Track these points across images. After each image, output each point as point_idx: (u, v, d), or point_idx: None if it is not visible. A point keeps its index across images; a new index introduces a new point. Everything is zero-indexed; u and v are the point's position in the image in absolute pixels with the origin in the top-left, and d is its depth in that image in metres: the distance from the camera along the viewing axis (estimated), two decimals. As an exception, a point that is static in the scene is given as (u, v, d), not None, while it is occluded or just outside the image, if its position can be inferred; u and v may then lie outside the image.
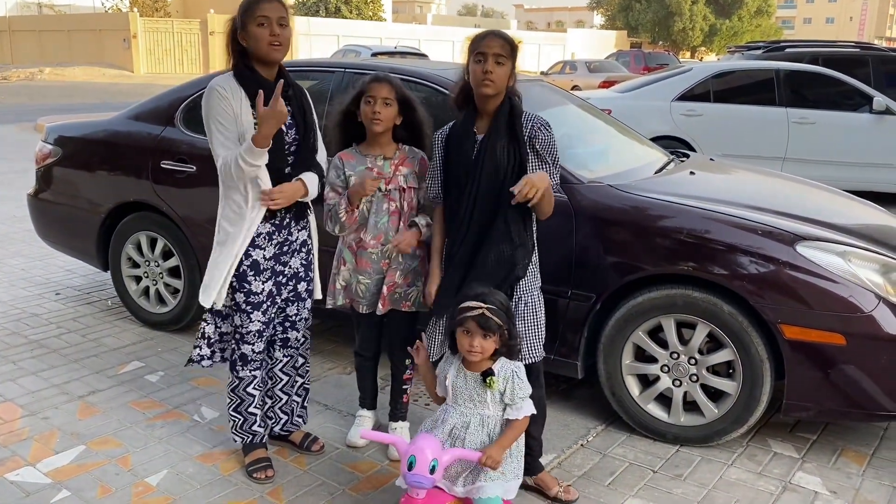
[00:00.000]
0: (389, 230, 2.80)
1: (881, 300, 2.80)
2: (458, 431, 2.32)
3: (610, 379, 3.15)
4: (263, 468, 2.83)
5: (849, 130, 7.86)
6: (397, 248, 2.77)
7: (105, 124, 4.46)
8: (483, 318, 2.24)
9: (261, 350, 2.80)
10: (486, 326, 2.25)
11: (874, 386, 2.81)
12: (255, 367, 2.82)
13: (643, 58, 27.16)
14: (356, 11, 42.16)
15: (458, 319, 2.28)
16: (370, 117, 2.73)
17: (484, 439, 2.31)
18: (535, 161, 2.56)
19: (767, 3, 53.16)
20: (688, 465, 2.98)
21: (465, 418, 2.32)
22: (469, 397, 2.32)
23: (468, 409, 2.32)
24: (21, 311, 4.58)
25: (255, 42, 2.55)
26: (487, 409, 2.31)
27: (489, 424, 2.32)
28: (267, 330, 2.79)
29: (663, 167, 3.85)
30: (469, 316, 2.25)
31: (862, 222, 3.56)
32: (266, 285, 2.73)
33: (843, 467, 3.00)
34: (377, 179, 2.74)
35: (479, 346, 2.25)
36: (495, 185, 2.52)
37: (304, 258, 2.86)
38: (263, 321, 2.76)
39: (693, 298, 2.93)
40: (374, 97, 2.72)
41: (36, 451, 2.99)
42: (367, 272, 2.84)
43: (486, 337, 2.25)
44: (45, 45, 37.55)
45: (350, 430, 3.10)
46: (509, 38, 2.53)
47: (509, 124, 2.54)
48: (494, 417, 2.32)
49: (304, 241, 2.84)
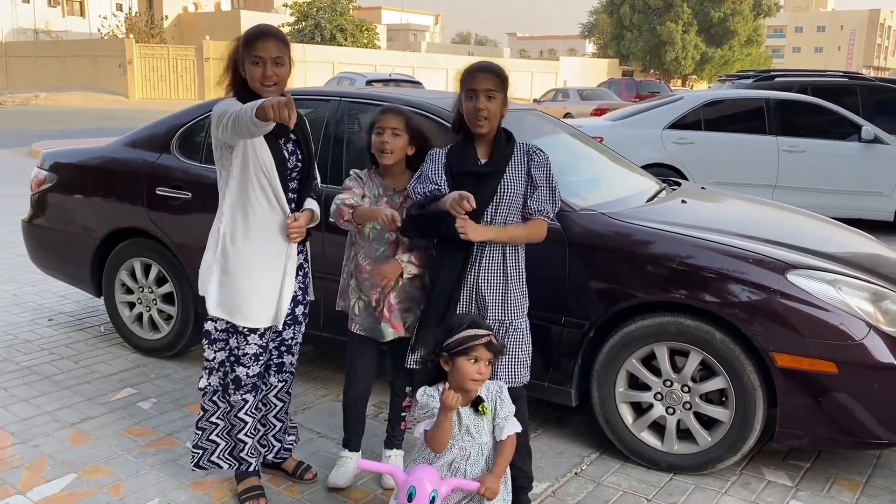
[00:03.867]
0: (383, 259, 2.80)
1: (871, 328, 2.82)
2: (459, 463, 2.28)
3: (604, 406, 3.16)
4: (256, 496, 2.80)
5: (838, 159, 7.96)
6: (376, 277, 2.72)
7: (101, 151, 4.48)
8: (491, 345, 2.24)
9: (255, 374, 2.78)
10: (495, 351, 2.25)
11: (866, 414, 2.82)
12: (246, 391, 2.79)
13: (635, 86, 27.42)
14: (351, 39, 42.58)
15: (464, 348, 2.22)
16: (379, 148, 2.75)
17: (483, 467, 2.29)
18: (530, 188, 2.60)
19: (757, 32, 53.97)
20: (682, 494, 2.97)
21: (465, 452, 2.28)
22: (467, 430, 2.28)
23: (467, 441, 2.28)
24: (13, 337, 4.56)
25: (249, 78, 2.61)
26: (484, 436, 2.30)
27: (486, 451, 2.30)
28: (263, 354, 2.79)
29: (655, 195, 3.88)
30: (478, 343, 2.23)
31: (852, 250, 3.60)
32: None
33: (836, 495, 3.00)
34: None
35: (485, 373, 2.24)
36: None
37: (301, 281, 2.87)
38: (260, 344, 2.76)
39: (686, 326, 2.95)
40: (384, 128, 2.74)
41: (26, 479, 2.97)
42: (366, 293, 2.84)
43: (488, 363, 2.26)
44: (41, 71, 37.73)
45: (332, 472, 2.97)
46: (498, 70, 2.58)
47: (509, 152, 2.60)
48: (489, 444, 2.31)
49: (300, 265, 2.85)
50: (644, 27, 51.53)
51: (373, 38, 44.75)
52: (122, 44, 35.68)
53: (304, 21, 42.15)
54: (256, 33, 2.60)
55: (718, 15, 50.77)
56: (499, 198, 2.57)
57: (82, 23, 51.12)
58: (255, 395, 2.84)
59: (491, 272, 2.59)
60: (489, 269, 2.59)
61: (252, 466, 2.85)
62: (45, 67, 37.65)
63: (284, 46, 2.61)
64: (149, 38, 39.94)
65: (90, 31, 47.36)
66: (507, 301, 2.60)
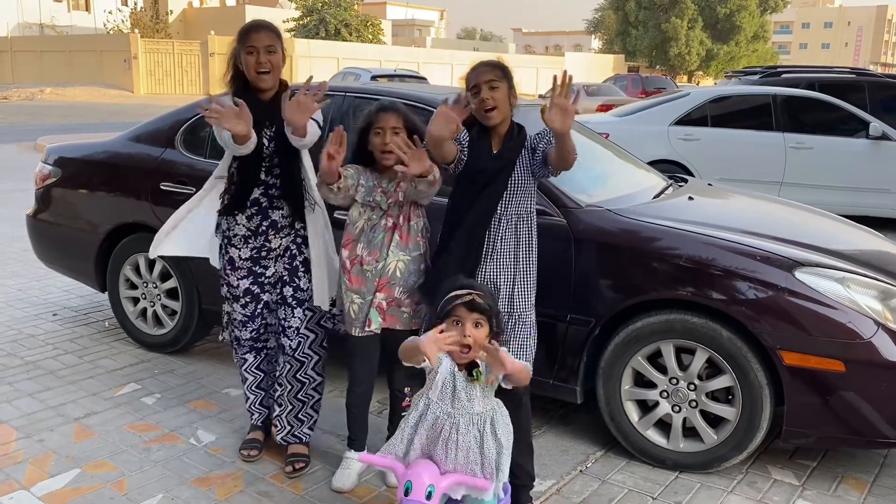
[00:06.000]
0: (384, 246, 2.77)
1: (880, 326, 2.80)
2: (450, 433, 2.22)
3: (609, 404, 3.14)
4: (248, 447, 3.11)
5: (845, 155, 7.92)
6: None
7: (105, 146, 4.48)
8: (472, 303, 2.19)
9: (248, 338, 3.08)
10: (477, 309, 2.19)
11: (874, 413, 2.80)
12: (245, 351, 3.12)
13: (640, 82, 27.34)
14: (356, 34, 42.49)
15: (448, 310, 2.21)
16: (382, 149, 2.71)
17: (475, 434, 2.22)
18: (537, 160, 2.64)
19: (764, 28, 53.70)
20: (687, 492, 2.96)
21: (454, 419, 2.22)
22: (456, 397, 2.23)
23: (455, 409, 2.23)
24: (18, 332, 4.56)
25: (245, 68, 2.81)
26: (476, 405, 2.23)
27: (477, 422, 2.23)
28: (250, 323, 3.05)
29: (661, 192, 3.86)
30: (458, 303, 2.20)
31: (860, 248, 3.57)
32: (242, 282, 2.99)
33: (843, 495, 2.98)
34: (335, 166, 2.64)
35: (472, 336, 2.18)
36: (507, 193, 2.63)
37: (288, 263, 2.96)
38: (245, 313, 3.03)
39: (692, 324, 2.93)
40: (384, 128, 2.71)
41: (30, 474, 2.96)
42: (360, 291, 2.79)
43: (477, 325, 2.20)
44: (46, 66, 37.74)
45: (336, 474, 2.95)
46: (496, 62, 2.63)
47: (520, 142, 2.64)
48: (482, 414, 2.24)
49: (287, 248, 2.97)
50: (650, 23, 51.34)
51: (378, 34, 44.65)
52: (127, 39, 35.65)
53: (309, 16, 42.07)
54: (249, 27, 2.83)
55: (724, 11, 50.50)
56: (510, 192, 2.61)
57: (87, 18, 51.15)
58: (257, 357, 3.14)
59: (503, 263, 2.61)
60: (502, 261, 2.61)
61: (253, 418, 3.20)
62: (51, 62, 37.67)
63: (276, 37, 2.83)
64: (154, 33, 39.92)
65: (95, 26, 47.35)
66: (516, 292, 2.61)
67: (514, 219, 2.62)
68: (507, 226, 2.61)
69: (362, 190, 2.78)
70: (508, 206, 2.61)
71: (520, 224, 2.63)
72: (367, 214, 2.78)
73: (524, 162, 2.65)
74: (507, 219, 2.61)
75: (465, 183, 2.64)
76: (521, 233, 2.63)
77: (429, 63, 40.70)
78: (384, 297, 2.77)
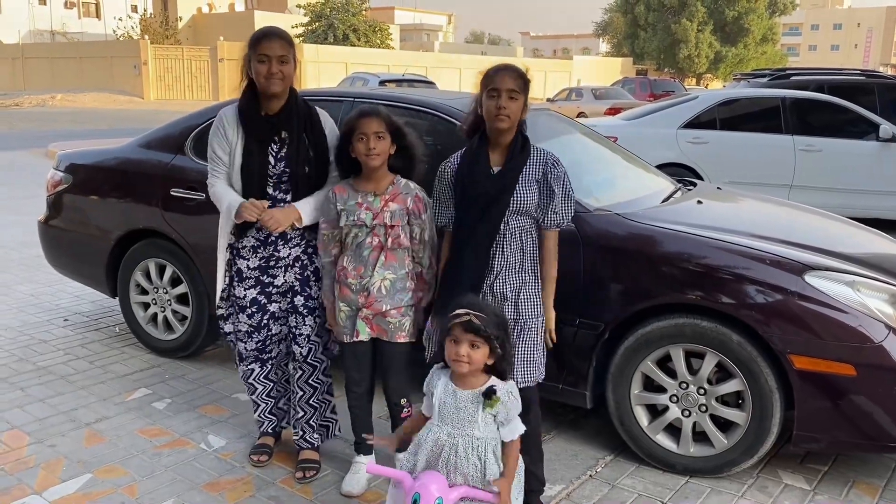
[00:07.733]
0: (369, 265, 2.77)
1: (891, 330, 2.78)
2: (448, 455, 2.20)
3: (619, 409, 3.13)
4: (258, 452, 3.13)
5: (855, 158, 7.87)
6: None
7: (116, 152, 4.50)
8: (469, 324, 2.13)
9: (252, 348, 3.07)
10: (473, 331, 2.13)
11: (885, 417, 2.78)
12: (250, 362, 3.11)
13: (649, 85, 27.27)
14: (364, 39, 42.61)
15: (448, 328, 2.17)
16: (366, 154, 2.69)
17: (476, 462, 2.19)
18: (545, 194, 2.59)
19: (772, 30, 53.53)
20: (697, 497, 2.95)
21: (453, 439, 2.19)
22: (457, 417, 2.19)
23: (455, 429, 2.20)
24: (29, 338, 4.60)
25: (255, 75, 2.79)
26: (477, 430, 2.19)
27: (479, 448, 2.19)
28: (256, 334, 3.03)
29: (670, 196, 3.85)
30: (456, 322, 2.15)
31: (870, 251, 3.55)
32: (249, 292, 2.98)
33: (855, 500, 2.96)
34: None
35: (467, 356, 2.13)
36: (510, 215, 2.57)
37: (299, 273, 2.95)
38: (251, 324, 3.02)
39: (701, 328, 2.92)
40: (367, 133, 2.68)
41: (42, 479, 2.98)
42: (347, 300, 2.81)
43: (473, 346, 2.14)
44: (57, 72, 38.04)
45: (345, 478, 2.97)
46: (522, 72, 2.56)
47: (523, 160, 2.58)
48: (484, 440, 2.19)
49: (297, 258, 2.96)
50: (659, 25, 51.26)
51: (386, 38, 44.76)
52: (137, 45, 35.89)
53: (318, 21, 42.23)
54: (262, 34, 2.80)
55: (733, 13, 50.37)
56: (511, 211, 2.57)
57: (98, 24, 51.55)
58: (264, 367, 3.13)
59: (510, 274, 2.58)
60: (509, 271, 2.58)
61: (263, 426, 3.20)
62: (62, 69, 37.95)
63: (289, 46, 2.80)
64: (163, 39, 40.16)
65: (105, 33, 47.72)
66: (521, 300, 2.59)
67: (519, 231, 2.59)
68: (513, 238, 2.58)
69: (344, 215, 2.77)
70: (509, 223, 2.57)
71: (525, 235, 2.60)
72: (353, 231, 2.78)
73: (528, 179, 2.57)
74: (512, 231, 2.58)
75: (467, 202, 2.61)
76: (527, 243, 2.61)
77: (437, 67, 40.76)
78: (370, 312, 2.78)
